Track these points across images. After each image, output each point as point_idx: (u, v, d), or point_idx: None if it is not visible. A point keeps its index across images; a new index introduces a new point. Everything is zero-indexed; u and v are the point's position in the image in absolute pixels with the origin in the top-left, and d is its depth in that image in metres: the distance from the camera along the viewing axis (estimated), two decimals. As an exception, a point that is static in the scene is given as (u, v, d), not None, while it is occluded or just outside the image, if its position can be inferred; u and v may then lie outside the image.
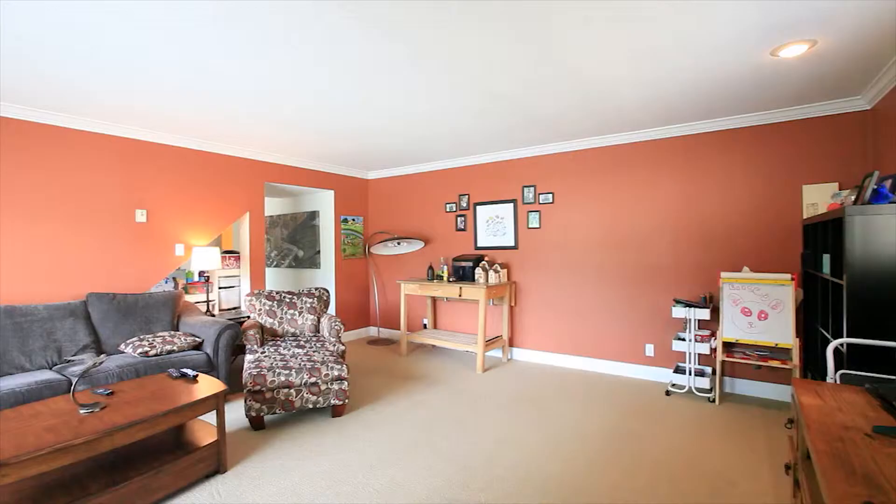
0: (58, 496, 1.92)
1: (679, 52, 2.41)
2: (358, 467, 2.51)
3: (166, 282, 4.54)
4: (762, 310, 3.27)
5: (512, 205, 4.88)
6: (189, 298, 4.60)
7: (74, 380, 2.39)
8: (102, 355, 2.30)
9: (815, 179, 3.38)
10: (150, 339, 3.28)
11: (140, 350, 3.16)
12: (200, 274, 4.81)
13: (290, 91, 2.93)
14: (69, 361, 3.05)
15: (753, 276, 3.32)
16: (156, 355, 3.18)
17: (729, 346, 3.54)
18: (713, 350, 3.57)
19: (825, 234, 2.83)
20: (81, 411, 2.13)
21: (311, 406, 3.07)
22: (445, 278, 4.90)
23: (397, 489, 2.29)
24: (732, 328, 3.36)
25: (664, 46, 2.34)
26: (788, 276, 3.20)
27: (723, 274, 3.44)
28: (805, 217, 3.40)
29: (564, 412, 3.31)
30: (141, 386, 2.54)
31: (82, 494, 1.94)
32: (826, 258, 2.71)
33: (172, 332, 3.47)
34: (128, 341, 3.29)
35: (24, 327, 2.97)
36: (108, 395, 2.38)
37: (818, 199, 3.35)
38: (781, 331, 3.18)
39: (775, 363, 3.19)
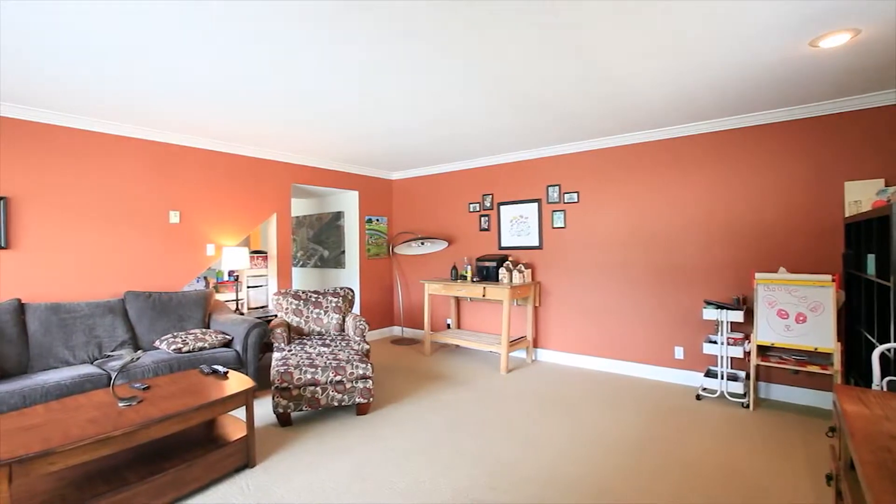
0: (99, 485, 2.02)
1: (710, 47, 2.33)
2: (383, 466, 2.54)
3: (198, 281, 4.69)
4: (800, 312, 3.13)
5: (536, 204, 4.83)
6: (219, 297, 4.74)
7: (114, 374, 2.50)
8: (139, 351, 2.40)
9: (859, 175, 3.21)
10: (182, 337, 3.40)
11: (174, 346, 3.28)
12: (230, 273, 4.95)
13: (316, 93, 2.98)
14: (109, 356, 3.19)
15: (791, 277, 3.19)
16: (188, 352, 3.30)
17: (764, 350, 3.40)
18: (747, 353, 3.44)
19: (870, 233, 2.69)
20: (120, 404, 2.22)
21: (336, 404, 3.12)
22: (469, 278, 4.89)
23: (422, 488, 2.30)
24: (768, 331, 3.23)
25: (694, 41, 2.26)
26: (829, 277, 3.05)
27: (757, 275, 3.31)
28: (847, 215, 3.24)
29: (590, 414, 3.25)
30: (175, 381, 2.63)
31: (121, 484, 2.02)
32: (871, 258, 2.57)
33: (204, 330, 3.59)
34: (162, 338, 3.42)
35: (68, 323, 3.13)
36: (144, 389, 2.48)
37: (862, 196, 3.18)
38: (821, 334, 3.04)
39: (815, 368, 3.04)
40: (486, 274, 4.80)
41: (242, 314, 4.29)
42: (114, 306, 3.40)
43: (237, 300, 4.61)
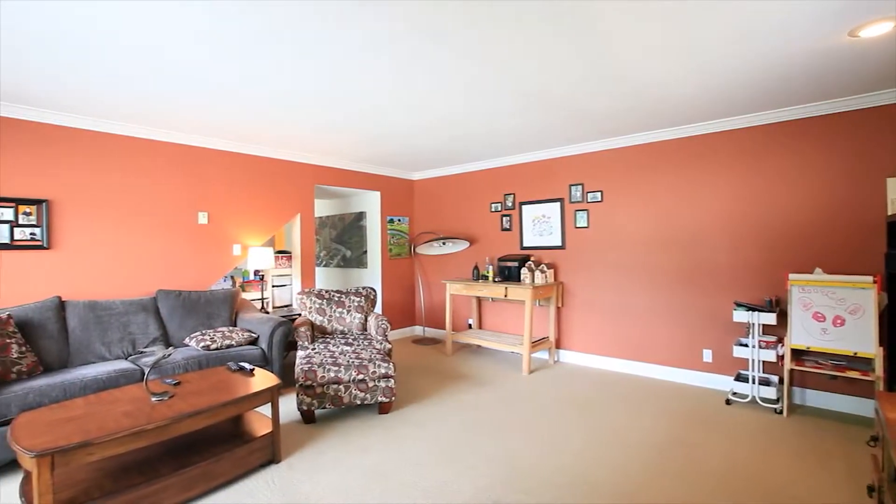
0: (133, 476, 2.09)
1: (740, 40, 2.25)
2: (404, 464, 2.55)
3: (225, 280, 4.82)
4: (838, 315, 2.99)
5: (559, 204, 4.77)
6: (245, 296, 4.86)
7: (147, 370, 2.59)
8: (170, 348, 2.48)
9: (902, 172, 3.05)
10: (211, 334, 3.49)
11: (202, 344, 3.38)
12: (255, 273, 5.07)
13: (340, 97, 3.02)
14: (142, 353, 3.31)
15: (827, 279, 3.05)
16: (216, 349, 3.38)
17: (799, 354, 3.27)
18: (780, 357, 3.31)
19: (915, 231, 2.55)
20: (153, 399, 2.30)
21: (359, 402, 3.15)
22: (491, 278, 4.87)
23: (443, 488, 2.30)
24: (803, 334, 3.10)
25: (723, 35, 2.19)
26: (870, 278, 2.91)
27: (791, 276, 3.18)
28: (890, 213, 3.08)
29: (614, 417, 3.19)
30: (203, 377, 2.71)
31: (154, 476, 2.09)
32: (916, 259, 2.44)
33: (231, 328, 3.68)
34: (191, 335, 3.52)
35: (105, 320, 3.26)
36: (175, 385, 2.56)
37: (906, 193, 3.02)
38: (861, 338, 2.90)
39: (854, 374, 2.91)
40: (508, 274, 4.77)
41: (267, 313, 4.38)
42: (146, 304, 3.52)
43: (262, 299, 4.71)
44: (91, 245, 3.51)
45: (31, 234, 3.21)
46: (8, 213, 3.11)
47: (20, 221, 3.17)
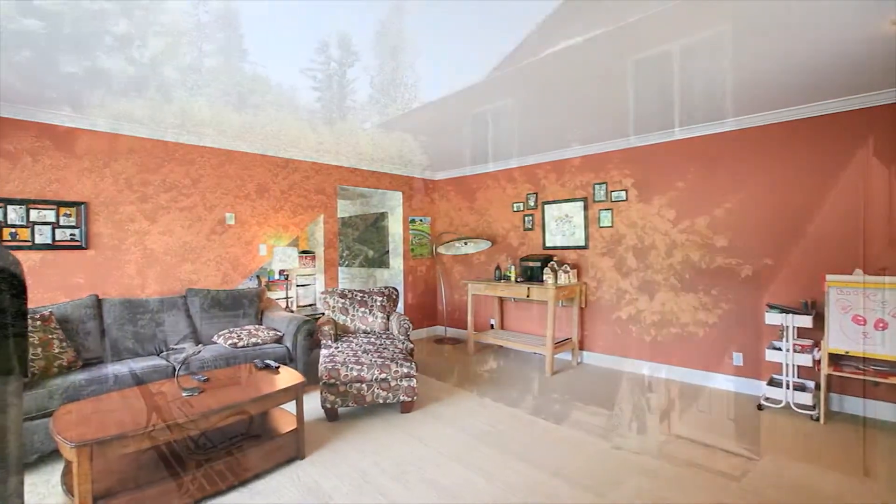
0: (165, 468, 2.16)
1: (777, 31, 2.17)
2: (425, 464, 2.55)
3: (251, 279, 4.92)
4: (880, 318, 2.85)
5: (582, 203, 4.70)
6: (270, 295, 4.96)
7: (177, 366, 2.67)
8: (200, 345, 2.55)
9: (951, 167, 2.88)
10: (237, 332, 3.58)
11: (230, 341, 3.46)
12: (280, 272, 5.17)
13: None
14: (172, 349, 3.42)
15: (868, 280, 2.91)
16: (243, 347, 3.47)
17: (837, 359, 3.12)
18: (817, 362, 3.17)
19: (965, 230, 2.40)
20: (184, 394, 2.37)
21: (381, 401, 3.17)
22: (513, 279, 4.83)
23: (465, 488, 2.29)
24: (842, 338, 2.96)
25: (759, 25, 2.11)
26: (915, 279, 2.76)
27: (828, 277, 3.05)
28: (937, 211, 2.91)
29: (639, 421, 3.11)
30: (231, 374, 2.78)
31: (185, 468, 2.15)
32: (967, 259, 2.30)
33: (257, 326, 3.76)
34: (219, 333, 3.62)
35: (138, 318, 3.38)
36: (204, 381, 2.63)
37: (955, 189, 2.85)
38: (906, 343, 2.75)
39: (898, 380, 2.76)
40: (531, 274, 4.73)
41: (292, 311, 4.46)
42: (177, 302, 3.64)
43: (287, 298, 4.80)
44: (125, 245, 3.64)
45: (70, 234, 3.36)
46: (50, 216, 3.27)
47: (61, 223, 3.32)
